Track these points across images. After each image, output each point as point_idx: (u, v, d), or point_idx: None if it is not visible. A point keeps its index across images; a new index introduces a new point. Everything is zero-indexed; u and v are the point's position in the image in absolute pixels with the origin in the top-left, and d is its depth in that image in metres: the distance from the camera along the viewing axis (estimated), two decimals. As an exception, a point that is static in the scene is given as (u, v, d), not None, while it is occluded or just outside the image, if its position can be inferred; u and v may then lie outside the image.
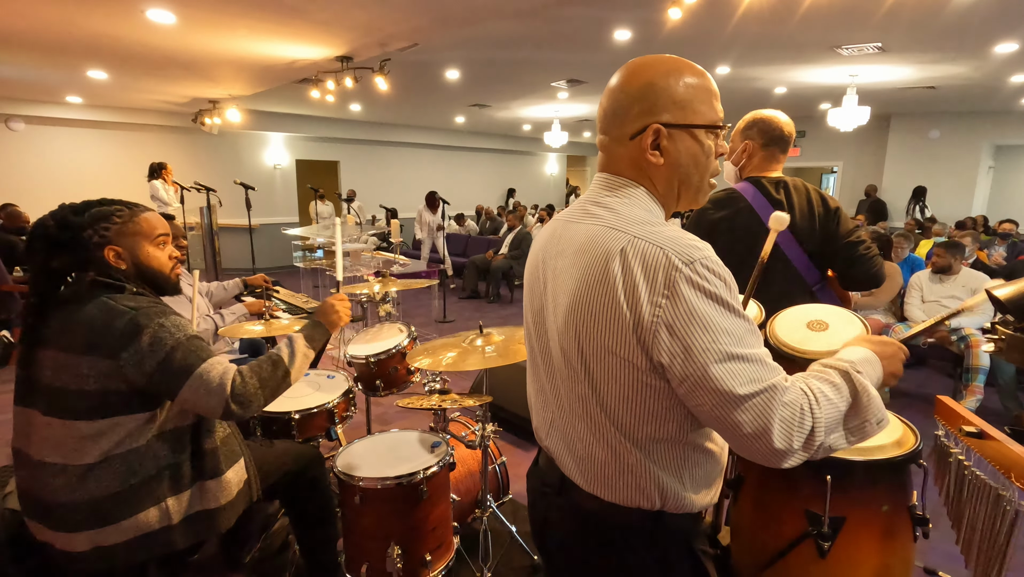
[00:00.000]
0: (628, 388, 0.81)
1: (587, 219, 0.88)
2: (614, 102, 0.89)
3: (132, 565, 1.35)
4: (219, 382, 1.31)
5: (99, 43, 4.71)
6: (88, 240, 1.36)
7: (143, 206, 1.49)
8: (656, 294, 0.75)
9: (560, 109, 8.95)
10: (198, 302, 2.55)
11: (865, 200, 9.66)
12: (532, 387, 1.05)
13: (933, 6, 4.04)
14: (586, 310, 0.82)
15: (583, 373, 0.85)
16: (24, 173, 7.76)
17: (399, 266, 5.13)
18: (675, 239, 0.78)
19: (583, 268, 0.83)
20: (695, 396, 0.76)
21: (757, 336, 0.79)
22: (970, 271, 3.94)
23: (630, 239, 0.79)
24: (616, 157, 0.90)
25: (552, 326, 0.91)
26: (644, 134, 0.86)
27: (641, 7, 4.07)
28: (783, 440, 0.74)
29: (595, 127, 0.96)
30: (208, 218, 6.73)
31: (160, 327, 1.31)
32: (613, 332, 0.79)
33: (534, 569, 2.12)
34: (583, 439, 0.90)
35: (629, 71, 0.90)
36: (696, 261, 0.75)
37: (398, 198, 11.10)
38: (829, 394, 0.79)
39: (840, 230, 1.79)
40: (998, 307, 1.07)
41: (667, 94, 0.85)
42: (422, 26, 4.27)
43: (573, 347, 0.85)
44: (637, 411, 0.83)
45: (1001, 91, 7.05)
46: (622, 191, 0.89)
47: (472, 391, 3.49)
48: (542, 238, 1.00)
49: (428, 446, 1.88)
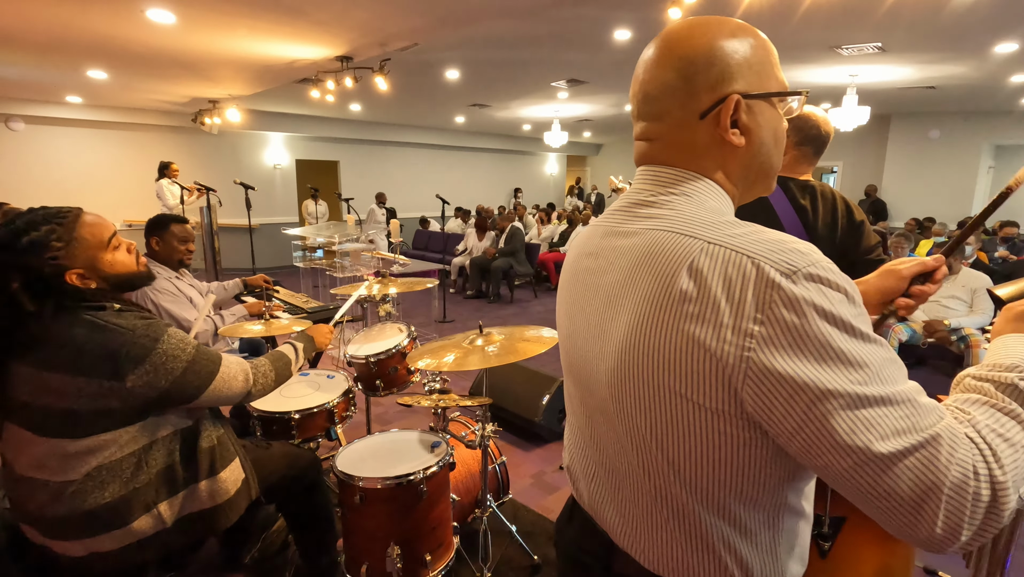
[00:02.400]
0: (707, 441, 0.62)
1: (637, 223, 0.70)
2: (665, 76, 0.69)
3: (132, 566, 1.35)
4: (243, 380, 1.45)
5: (99, 43, 4.70)
6: (40, 270, 1.24)
7: (73, 211, 1.33)
8: (744, 319, 0.55)
9: (560, 109, 8.95)
10: (200, 302, 2.55)
11: (865, 200, 9.67)
12: (570, 422, 0.86)
13: (933, 6, 4.04)
14: (646, 342, 0.62)
15: (643, 420, 0.65)
16: (24, 173, 7.75)
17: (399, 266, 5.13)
18: (766, 241, 0.58)
19: (640, 287, 0.64)
20: (817, 456, 0.55)
21: (900, 367, 0.57)
22: (970, 271, 3.94)
23: (703, 246, 0.60)
24: (673, 144, 0.71)
25: (597, 359, 0.71)
26: (721, 109, 0.67)
27: (641, 7, 4.07)
28: (948, 526, 0.52)
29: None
30: (208, 218, 6.74)
31: (165, 349, 1.30)
32: (685, 371, 0.60)
33: (534, 569, 2.12)
34: (638, 501, 0.70)
35: (679, 36, 0.69)
36: (800, 270, 0.55)
37: (398, 198, 11.11)
38: (1011, 434, 0.54)
39: (862, 245, 1.68)
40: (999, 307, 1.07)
41: (738, 57, 0.67)
42: (422, 26, 4.27)
43: (629, 388, 0.65)
44: (719, 470, 0.63)
45: (1001, 91, 7.04)
46: (681, 186, 0.70)
47: (472, 391, 3.49)
48: (577, 249, 0.82)
49: (428, 446, 1.87)
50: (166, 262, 2.50)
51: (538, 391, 3.20)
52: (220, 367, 1.40)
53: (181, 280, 2.53)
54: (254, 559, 2.04)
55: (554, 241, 9.24)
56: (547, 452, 3.10)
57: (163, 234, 2.48)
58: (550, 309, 6.93)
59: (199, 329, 2.38)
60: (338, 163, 10.82)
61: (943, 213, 8.70)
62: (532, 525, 2.40)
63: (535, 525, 2.40)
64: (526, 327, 1.88)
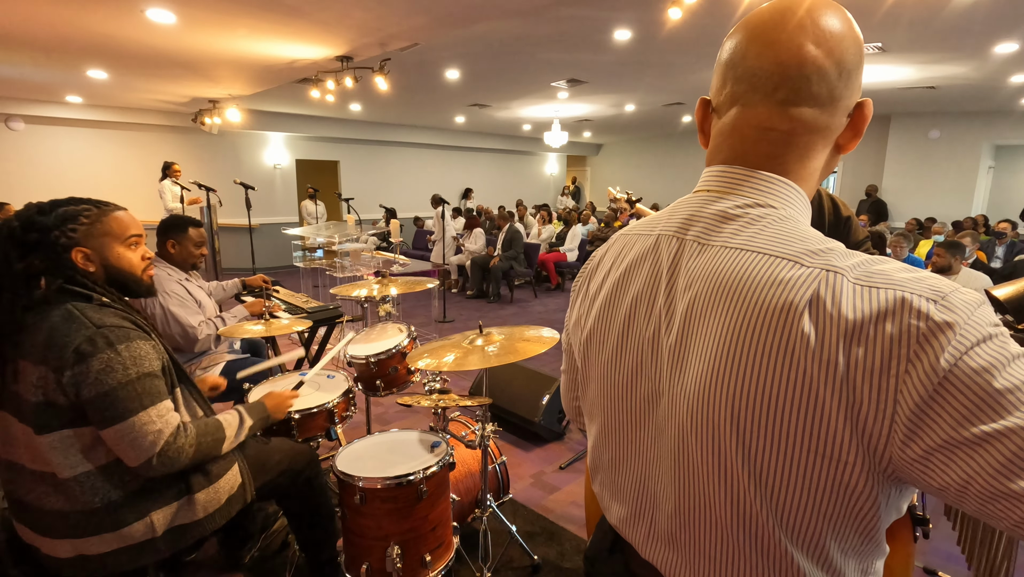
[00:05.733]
0: (828, 495, 0.53)
1: (722, 237, 0.60)
2: (840, 51, 0.57)
3: (118, 573, 1.33)
4: (151, 440, 1.25)
5: (99, 43, 4.70)
6: (55, 241, 1.28)
7: (114, 205, 1.42)
8: (893, 359, 0.47)
9: (560, 109, 8.95)
10: (208, 304, 2.55)
11: (865, 200, 9.67)
12: (607, 462, 0.74)
13: (933, 6, 4.04)
14: (754, 387, 0.53)
15: (747, 474, 0.55)
16: (24, 173, 7.76)
17: (399, 266, 5.13)
18: (897, 269, 0.50)
19: (740, 321, 0.54)
20: (983, 503, 0.46)
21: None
22: (970, 271, 3.93)
23: (821, 275, 0.51)
24: (804, 140, 0.60)
25: (673, 397, 0.61)
26: (860, 111, 0.60)
27: (641, 7, 4.07)
28: None
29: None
30: (208, 218, 6.74)
31: (114, 357, 1.23)
32: (807, 421, 0.51)
33: (534, 569, 2.12)
34: (736, 564, 0.60)
35: (847, 17, 0.58)
36: (947, 296, 0.47)
37: (398, 198, 11.10)
38: None
39: (850, 240, 1.70)
40: (998, 307, 1.07)
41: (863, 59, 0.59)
42: (422, 26, 4.27)
43: (727, 435, 0.56)
44: (838, 524, 0.54)
45: (1001, 91, 7.04)
46: (780, 195, 0.60)
47: (472, 391, 3.49)
48: (626, 257, 0.70)
49: (428, 446, 1.87)
50: (179, 264, 2.50)
51: (538, 391, 3.20)
52: (143, 413, 1.25)
53: (191, 282, 2.53)
54: (254, 559, 2.04)
55: (552, 242, 9.24)
56: (547, 452, 3.10)
57: (181, 237, 2.47)
58: (550, 309, 6.93)
59: (204, 335, 2.38)
60: (338, 163, 10.82)
61: (943, 213, 8.71)
62: (532, 525, 2.40)
63: (535, 525, 2.40)
64: (526, 327, 1.89)
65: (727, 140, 0.64)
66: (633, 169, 14.11)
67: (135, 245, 1.42)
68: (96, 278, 1.35)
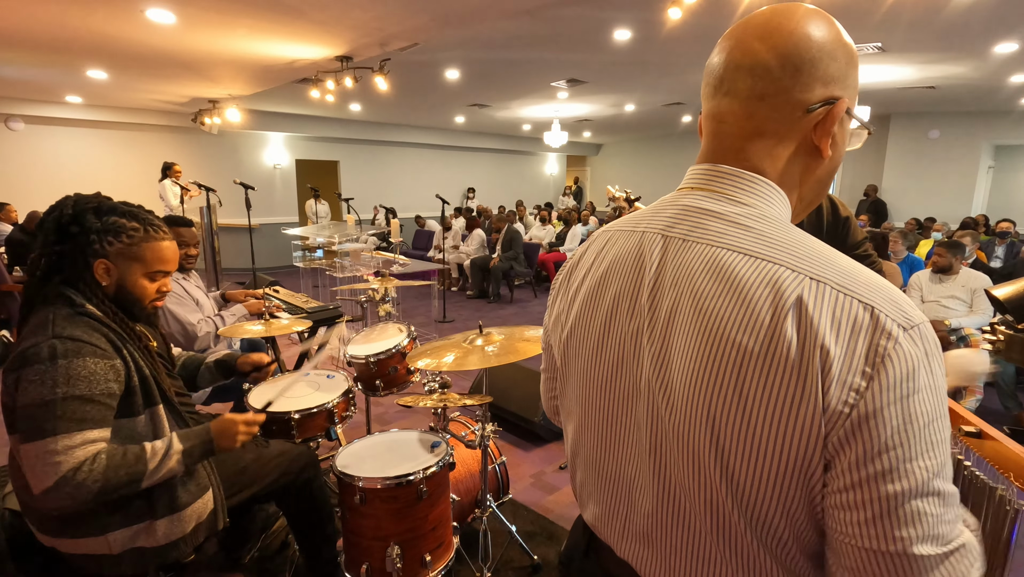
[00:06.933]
0: (796, 502, 0.54)
1: (708, 236, 0.59)
2: (789, 47, 0.58)
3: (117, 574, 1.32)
4: (49, 470, 1.13)
5: (99, 43, 4.70)
6: (89, 244, 1.29)
7: (163, 233, 1.39)
8: (851, 371, 0.48)
9: (560, 109, 8.95)
10: (203, 301, 2.55)
11: (865, 200, 9.67)
12: (584, 460, 0.74)
13: (933, 6, 4.04)
14: (731, 389, 0.53)
15: (719, 475, 0.56)
16: (24, 173, 7.76)
17: (399, 266, 5.13)
18: (880, 287, 0.52)
19: (723, 323, 0.54)
20: (848, 523, 0.51)
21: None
22: (970, 271, 3.94)
23: (806, 282, 0.52)
24: (759, 135, 0.60)
25: (652, 394, 0.61)
26: (832, 110, 0.59)
27: (641, 7, 4.08)
28: None
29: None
30: (208, 218, 6.74)
31: (48, 370, 1.16)
32: (779, 427, 0.51)
33: (534, 569, 2.12)
34: (709, 564, 0.60)
35: (812, 13, 0.59)
36: (918, 326, 0.50)
37: (398, 198, 11.10)
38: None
39: (848, 241, 1.70)
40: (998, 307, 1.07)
41: (852, 64, 0.59)
42: (422, 26, 4.27)
43: (702, 435, 0.56)
44: (807, 530, 0.56)
45: (1001, 91, 7.04)
46: (760, 195, 0.60)
47: (472, 391, 3.49)
48: (608, 252, 0.70)
49: (428, 446, 1.87)
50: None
51: (538, 391, 3.20)
52: (50, 440, 1.14)
53: (188, 281, 2.54)
54: (254, 559, 2.04)
55: (552, 241, 9.24)
56: (547, 452, 3.10)
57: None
58: (550, 309, 6.93)
59: (203, 333, 2.39)
60: (338, 163, 10.82)
61: (943, 213, 8.70)
62: (532, 525, 2.40)
63: (535, 525, 2.40)
64: (526, 327, 1.89)
65: (703, 139, 0.67)
66: (633, 169, 14.11)
67: (156, 278, 1.41)
68: (103, 292, 1.33)
